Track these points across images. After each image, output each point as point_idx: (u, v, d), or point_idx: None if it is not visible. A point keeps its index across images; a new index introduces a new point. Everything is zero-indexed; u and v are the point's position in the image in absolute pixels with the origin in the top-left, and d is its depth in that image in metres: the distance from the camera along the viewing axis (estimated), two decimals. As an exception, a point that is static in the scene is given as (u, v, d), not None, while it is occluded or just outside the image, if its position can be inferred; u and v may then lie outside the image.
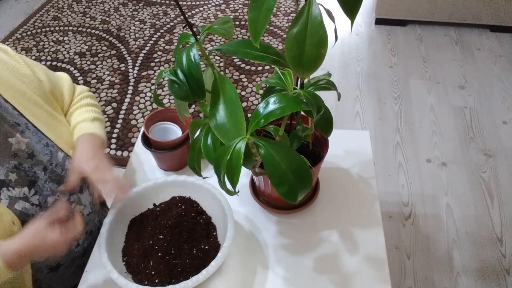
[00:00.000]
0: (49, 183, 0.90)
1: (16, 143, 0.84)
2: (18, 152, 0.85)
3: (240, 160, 0.66)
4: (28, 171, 0.87)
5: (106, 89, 2.54)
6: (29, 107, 0.89)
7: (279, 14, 3.10)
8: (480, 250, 1.75)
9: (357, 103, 2.42)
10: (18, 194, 0.85)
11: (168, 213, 0.97)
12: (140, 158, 1.18)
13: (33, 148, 0.87)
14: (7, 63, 0.90)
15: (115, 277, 0.82)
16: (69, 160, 0.94)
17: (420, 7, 2.81)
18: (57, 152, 0.92)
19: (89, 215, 1.01)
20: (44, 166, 0.89)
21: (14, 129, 0.85)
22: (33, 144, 0.87)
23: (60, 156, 0.93)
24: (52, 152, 0.91)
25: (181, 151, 1.10)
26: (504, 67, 2.60)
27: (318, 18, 0.64)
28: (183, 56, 0.73)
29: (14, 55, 0.93)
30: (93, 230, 1.05)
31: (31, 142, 0.87)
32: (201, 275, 0.82)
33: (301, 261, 0.94)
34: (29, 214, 0.86)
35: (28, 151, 0.86)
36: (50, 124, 0.93)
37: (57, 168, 0.92)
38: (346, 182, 1.09)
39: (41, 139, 0.90)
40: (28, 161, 0.86)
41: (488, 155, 2.11)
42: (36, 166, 0.88)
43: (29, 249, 0.79)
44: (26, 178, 0.86)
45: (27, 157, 0.86)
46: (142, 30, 2.99)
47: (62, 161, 0.93)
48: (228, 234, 0.88)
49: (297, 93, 0.71)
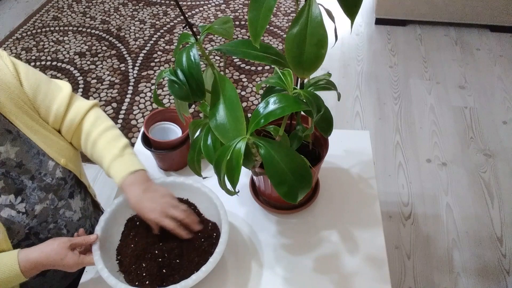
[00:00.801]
0: (37, 191, 0.90)
1: (4, 152, 0.84)
2: (6, 161, 0.85)
3: (240, 160, 0.66)
4: (16, 179, 0.86)
5: (106, 89, 2.54)
6: (20, 115, 0.88)
7: (279, 14, 3.10)
8: (480, 250, 1.75)
9: (357, 103, 2.42)
10: (4, 201, 0.84)
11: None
12: (140, 158, 1.18)
13: (22, 157, 0.87)
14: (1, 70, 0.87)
15: (106, 276, 0.82)
16: (61, 169, 0.93)
17: (420, 7, 2.81)
18: (47, 161, 0.91)
19: (79, 220, 1.01)
20: (32, 175, 0.89)
21: (4, 137, 0.85)
22: (23, 153, 0.87)
23: (50, 165, 0.92)
24: (42, 161, 0.90)
25: (181, 151, 1.10)
26: (504, 67, 2.60)
27: (318, 18, 0.64)
28: (183, 56, 0.73)
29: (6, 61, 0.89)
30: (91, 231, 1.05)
31: (21, 151, 0.87)
32: (190, 280, 0.82)
33: (301, 261, 0.94)
34: (15, 222, 0.86)
35: (17, 160, 0.86)
36: (40, 133, 0.92)
37: (46, 177, 0.91)
38: (346, 182, 1.09)
39: (32, 147, 0.89)
40: (16, 169, 0.86)
41: (488, 155, 2.11)
42: (23, 175, 0.87)
43: (46, 262, 0.83)
44: (13, 186, 0.86)
45: (15, 165, 0.86)
46: (142, 30, 2.99)
47: (52, 170, 0.92)
48: (221, 240, 0.87)
49: (297, 93, 0.71)
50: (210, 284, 0.91)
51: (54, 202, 0.93)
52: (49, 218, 0.93)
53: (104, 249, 0.89)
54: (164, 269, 0.88)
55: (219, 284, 0.91)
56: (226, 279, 0.92)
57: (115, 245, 0.95)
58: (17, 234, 0.87)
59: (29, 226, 0.88)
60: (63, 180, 0.95)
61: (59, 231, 0.95)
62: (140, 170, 0.94)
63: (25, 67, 0.93)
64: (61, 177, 0.94)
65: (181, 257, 0.90)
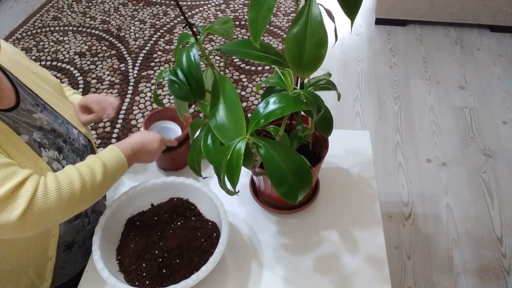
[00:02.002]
0: (71, 153, 0.97)
1: (39, 119, 0.92)
2: (43, 126, 0.92)
3: (240, 160, 0.66)
4: (54, 140, 0.94)
5: (106, 89, 2.54)
6: (43, 92, 0.98)
7: (279, 14, 3.10)
8: (480, 250, 1.75)
9: (357, 103, 2.42)
10: (52, 155, 0.91)
11: (165, 214, 0.97)
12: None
13: (53, 124, 0.95)
14: (19, 53, 1.00)
15: (106, 276, 0.82)
16: (83, 137, 1.03)
17: (420, 7, 2.81)
18: (72, 129, 1.00)
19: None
20: (64, 139, 0.96)
21: (35, 109, 0.92)
22: (52, 121, 0.95)
23: (75, 132, 1.01)
24: (68, 128, 0.99)
25: (181, 151, 1.10)
26: (504, 67, 2.60)
27: (318, 18, 0.64)
28: (183, 56, 0.73)
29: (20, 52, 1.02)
30: (100, 210, 1.10)
31: (50, 120, 0.94)
32: (190, 280, 0.82)
33: (301, 261, 0.94)
34: None
35: (49, 127, 0.93)
36: (61, 107, 1.01)
37: (74, 142, 0.99)
38: (346, 182, 1.09)
39: (57, 117, 0.97)
40: (51, 133, 0.93)
41: (488, 155, 2.11)
42: (58, 138, 0.95)
43: (139, 144, 0.96)
44: (54, 145, 0.93)
45: (49, 130, 0.93)
46: (142, 30, 2.99)
47: (77, 136, 1.01)
48: (221, 240, 0.87)
49: (297, 93, 0.71)
50: (210, 284, 0.91)
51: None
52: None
53: (104, 249, 0.89)
54: (164, 269, 0.88)
55: (219, 284, 0.91)
56: (226, 279, 0.92)
57: (115, 245, 0.95)
58: None
59: None
60: (85, 148, 1.03)
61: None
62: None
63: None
64: (84, 144, 1.02)
65: (181, 257, 0.90)
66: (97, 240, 0.88)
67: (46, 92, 1.00)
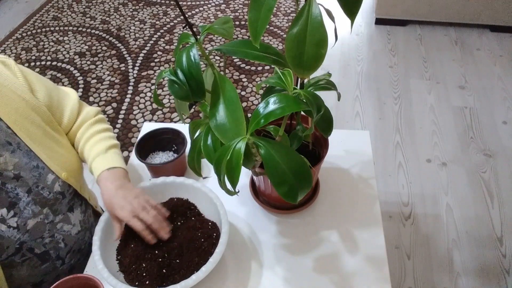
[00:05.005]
0: (32, 206, 0.88)
1: (3, 163, 0.83)
2: (3, 172, 0.83)
3: (240, 160, 0.66)
4: (10, 192, 0.85)
5: (106, 89, 2.54)
6: (25, 126, 0.87)
7: (279, 14, 3.10)
8: (480, 250, 1.75)
9: (357, 103, 2.42)
10: None
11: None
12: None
13: (20, 169, 0.86)
14: (7, 79, 0.87)
15: (106, 276, 0.82)
16: (60, 183, 0.93)
17: (420, 7, 2.81)
18: (47, 175, 0.90)
19: (78, 233, 1.00)
20: (29, 188, 0.87)
21: (4, 148, 0.84)
22: (22, 165, 0.86)
23: (49, 178, 0.91)
24: (41, 174, 0.89)
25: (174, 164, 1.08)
26: (504, 67, 2.60)
27: (318, 18, 0.64)
28: (183, 56, 0.73)
29: (15, 70, 0.90)
30: (82, 247, 1.03)
31: (20, 163, 0.86)
32: (190, 280, 0.82)
33: (301, 261, 0.94)
34: (4, 236, 0.85)
35: (15, 171, 0.85)
36: (44, 145, 0.90)
37: (43, 191, 0.90)
38: (346, 182, 1.09)
39: (31, 160, 0.88)
40: (13, 181, 0.85)
41: (488, 155, 2.11)
42: (20, 187, 0.86)
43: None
44: (6, 200, 0.84)
45: (12, 177, 0.85)
46: (142, 30, 2.99)
47: (51, 183, 0.91)
48: (221, 240, 0.87)
49: (297, 93, 0.71)
50: (210, 284, 0.91)
51: (49, 217, 0.92)
52: (46, 233, 0.91)
53: (104, 249, 0.89)
54: (164, 269, 0.88)
55: (219, 284, 0.91)
56: (226, 279, 0.92)
57: (115, 245, 0.95)
58: (6, 249, 0.85)
59: (20, 241, 0.87)
60: (61, 195, 0.94)
61: (57, 245, 0.94)
62: (119, 168, 0.94)
63: (35, 75, 0.95)
64: (59, 191, 0.93)
65: (181, 257, 0.89)
66: (97, 240, 0.88)
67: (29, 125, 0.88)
